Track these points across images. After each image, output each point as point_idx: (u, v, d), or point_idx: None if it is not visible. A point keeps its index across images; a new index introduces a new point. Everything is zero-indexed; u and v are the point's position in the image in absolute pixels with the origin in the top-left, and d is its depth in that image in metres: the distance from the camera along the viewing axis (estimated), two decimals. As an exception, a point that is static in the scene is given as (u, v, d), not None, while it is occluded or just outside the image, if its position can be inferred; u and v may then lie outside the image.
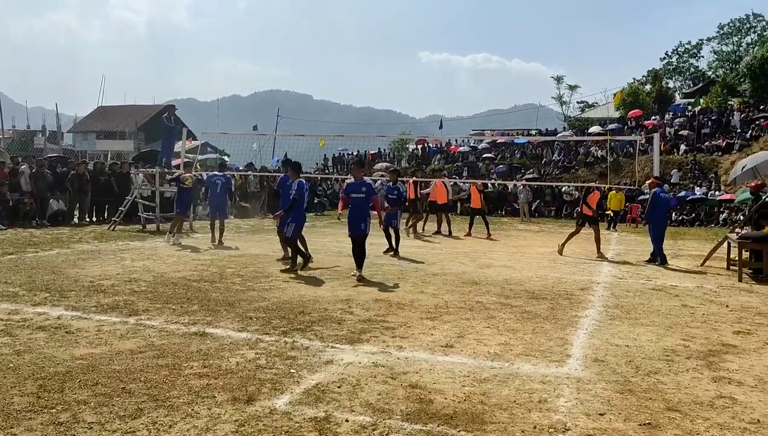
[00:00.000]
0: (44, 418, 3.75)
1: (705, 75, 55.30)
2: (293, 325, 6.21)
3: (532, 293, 8.40)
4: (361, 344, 5.59)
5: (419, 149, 39.83)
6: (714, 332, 6.46)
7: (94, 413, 3.84)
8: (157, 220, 16.90)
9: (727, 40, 56.55)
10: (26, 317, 6.25)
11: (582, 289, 8.85)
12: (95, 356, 4.99)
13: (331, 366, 4.91)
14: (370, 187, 9.77)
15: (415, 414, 3.95)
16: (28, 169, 17.37)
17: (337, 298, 7.64)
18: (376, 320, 6.49)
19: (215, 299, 7.42)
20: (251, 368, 4.79)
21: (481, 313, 7.02)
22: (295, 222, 9.89)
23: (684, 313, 7.38)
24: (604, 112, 47.43)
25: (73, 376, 4.50)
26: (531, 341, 5.84)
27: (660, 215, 12.15)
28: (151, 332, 5.79)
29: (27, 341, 5.38)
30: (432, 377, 4.70)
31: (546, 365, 5.11)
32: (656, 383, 4.72)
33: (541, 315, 7.00)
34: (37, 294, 7.39)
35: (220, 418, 3.81)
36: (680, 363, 5.26)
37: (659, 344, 5.85)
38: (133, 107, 65.01)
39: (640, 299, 8.15)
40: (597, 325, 6.60)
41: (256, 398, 4.15)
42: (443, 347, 5.57)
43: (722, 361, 5.38)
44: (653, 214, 12.07)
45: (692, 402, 4.32)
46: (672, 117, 36.47)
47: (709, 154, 29.88)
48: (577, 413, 4.05)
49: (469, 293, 8.23)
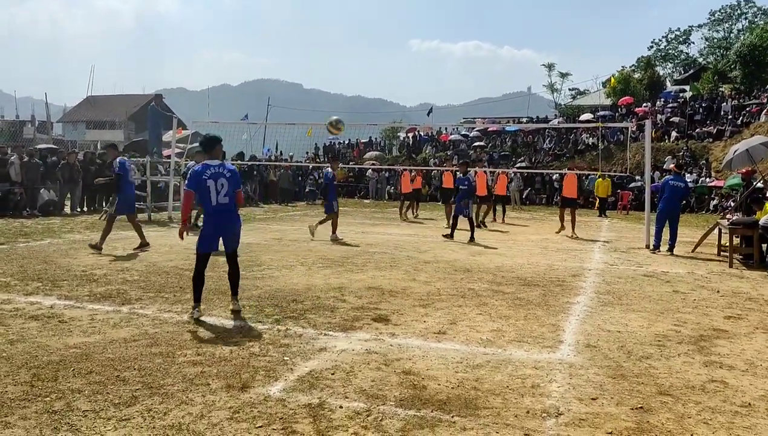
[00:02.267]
0: (38, 406, 3.74)
1: (696, 61, 55.41)
2: (286, 313, 6.21)
3: (524, 279, 8.44)
4: (354, 331, 5.61)
5: (410, 138, 39.74)
6: (705, 317, 6.52)
7: (89, 401, 3.84)
8: (148, 209, 16.82)
9: (718, 27, 56.66)
10: (18, 306, 6.22)
11: (574, 275, 8.90)
12: (89, 345, 4.98)
13: (324, 353, 4.92)
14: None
15: (409, 400, 3.97)
16: (18, 159, 17.21)
17: (330, 286, 7.64)
18: (369, 308, 6.51)
19: (208, 287, 7.36)
20: (245, 355, 4.80)
21: (474, 300, 7.05)
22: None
23: (675, 298, 7.44)
24: (595, 99, 47.51)
25: (67, 365, 4.49)
26: (523, 328, 5.87)
27: (666, 201, 11.82)
28: (145, 321, 5.78)
29: (20, 331, 5.35)
30: (425, 363, 4.72)
31: (538, 351, 5.14)
32: (648, 367, 4.76)
33: (533, 302, 7.03)
34: (30, 284, 7.36)
35: (214, 405, 3.82)
36: (672, 348, 5.31)
37: (651, 330, 5.90)
38: (122, 97, 64.43)
39: (631, 285, 8.20)
40: (589, 311, 6.64)
41: (251, 385, 4.16)
42: (436, 333, 5.59)
43: (713, 346, 5.43)
44: (666, 202, 11.81)
45: (684, 386, 4.37)
46: (663, 104, 36.54)
47: (700, 141, 30.00)
48: (569, 397, 4.09)
49: (461, 281, 8.25)
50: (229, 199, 6.04)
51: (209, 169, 5.97)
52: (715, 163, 27.17)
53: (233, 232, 6.18)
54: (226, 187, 5.99)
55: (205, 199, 5.98)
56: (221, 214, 6.04)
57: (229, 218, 6.11)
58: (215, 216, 6.03)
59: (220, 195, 5.97)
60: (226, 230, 6.13)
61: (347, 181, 32.34)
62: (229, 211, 6.09)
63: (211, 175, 5.95)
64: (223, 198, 5.98)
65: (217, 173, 5.96)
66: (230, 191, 6.02)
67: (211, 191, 5.93)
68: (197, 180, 5.95)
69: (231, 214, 6.12)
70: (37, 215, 16.24)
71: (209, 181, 5.93)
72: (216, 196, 5.95)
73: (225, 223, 6.09)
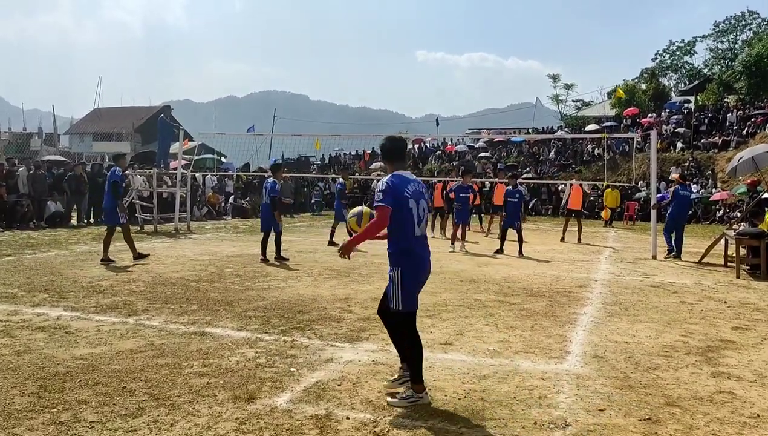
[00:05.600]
0: (45, 417, 3.75)
1: (701, 72, 55.39)
2: (292, 324, 6.21)
3: (530, 290, 8.41)
4: (361, 342, 5.60)
5: (416, 149, 39.80)
6: (713, 327, 6.48)
7: (95, 412, 3.84)
8: (155, 221, 16.88)
9: (723, 38, 56.66)
10: (25, 317, 6.24)
11: (580, 286, 8.87)
12: (95, 356, 4.99)
13: (331, 364, 4.91)
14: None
15: (415, 411, 3.96)
16: (25, 171, 17.34)
17: (336, 297, 7.64)
18: (375, 318, 6.47)
19: (214, 298, 7.42)
20: (251, 366, 4.80)
21: (480, 311, 7.03)
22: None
23: (682, 309, 7.40)
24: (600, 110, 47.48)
25: (74, 376, 4.50)
26: (530, 339, 5.85)
27: (676, 208, 12.57)
28: (151, 332, 5.79)
29: (27, 342, 5.37)
30: (432, 374, 4.70)
31: (545, 362, 5.12)
32: (656, 378, 4.74)
33: (540, 312, 7.01)
34: (36, 295, 7.38)
35: (221, 416, 3.82)
36: (679, 359, 5.28)
37: (658, 340, 5.87)
38: (129, 109, 64.84)
39: (638, 296, 8.17)
40: (596, 322, 6.62)
41: (257, 396, 4.15)
42: (442, 344, 5.58)
43: (721, 356, 5.40)
44: (675, 210, 12.53)
45: (692, 397, 4.34)
46: (668, 114, 36.51)
47: (706, 152, 29.93)
48: (577, 409, 4.07)
49: (467, 291, 8.24)
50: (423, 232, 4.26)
51: (409, 184, 4.17)
52: (721, 174, 27.09)
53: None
54: (425, 211, 4.24)
55: (406, 228, 4.13)
56: (424, 249, 4.26)
57: (428, 257, 4.30)
58: (418, 253, 4.21)
59: (422, 224, 4.22)
60: (427, 272, 4.35)
61: (353, 192, 32.40)
62: (427, 248, 4.30)
63: (412, 193, 4.15)
64: (422, 228, 4.24)
65: (419, 193, 4.22)
66: (425, 218, 4.25)
67: (414, 216, 4.14)
68: (399, 196, 4.08)
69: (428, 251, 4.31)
70: (43, 227, 16.32)
71: (411, 202, 4.13)
72: (417, 224, 4.17)
73: (427, 264, 4.30)
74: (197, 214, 21.02)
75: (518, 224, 12.78)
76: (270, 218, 10.90)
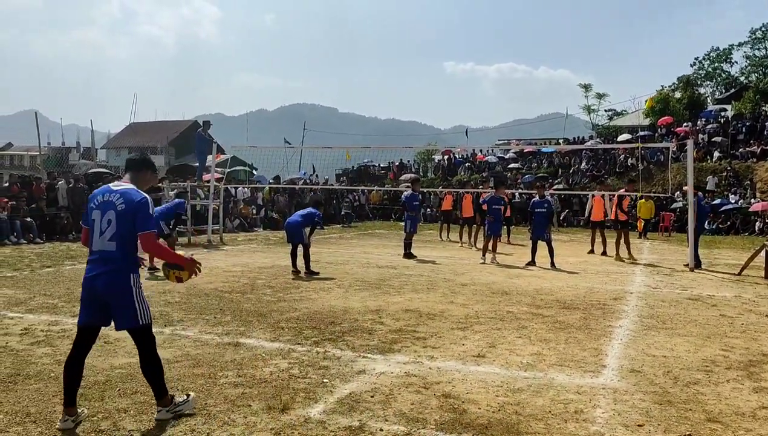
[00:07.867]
0: (86, 426, 3.83)
1: (737, 80, 54.22)
2: (324, 335, 6.24)
3: (563, 302, 8.31)
4: (393, 353, 5.59)
5: (445, 160, 39.75)
6: (754, 341, 6.31)
7: (134, 420, 3.91)
8: (189, 233, 17.16)
9: (759, 45, 55.43)
10: (66, 327, 6.39)
11: (615, 299, 8.72)
12: (133, 365, 5.06)
13: (363, 376, 4.92)
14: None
15: (449, 424, 3.93)
16: (64, 184, 17.81)
17: (367, 308, 7.65)
18: (407, 330, 6.49)
19: (247, 309, 7.49)
20: (285, 377, 4.83)
21: (512, 323, 6.97)
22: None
23: (722, 323, 7.22)
24: (633, 119, 46.78)
25: (113, 385, 4.59)
26: (564, 352, 5.77)
27: (701, 220, 13.01)
28: (187, 342, 5.87)
29: (67, 351, 5.44)
30: (465, 387, 4.67)
31: (581, 376, 5.04)
32: (696, 393, 4.63)
33: (574, 325, 6.91)
34: (76, 305, 7.50)
35: (256, 426, 3.85)
36: (720, 374, 5.15)
37: (697, 355, 5.74)
38: (163, 123, 66.23)
39: (676, 309, 8.00)
40: (632, 335, 6.49)
41: (291, 406, 4.18)
42: (475, 356, 5.54)
43: (763, 371, 5.25)
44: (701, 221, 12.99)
45: (733, 413, 4.23)
46: (704, 123, 35.81)
47: (744, 161, 29.25)
48: (614, 424, 3.99)
49: (499, 303, 8.17)
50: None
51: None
52: (760, 184, 26.45)
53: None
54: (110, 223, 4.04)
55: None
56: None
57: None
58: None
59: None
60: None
61: (382, 203, 32.47)
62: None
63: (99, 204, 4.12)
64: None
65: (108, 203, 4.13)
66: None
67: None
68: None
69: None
70: (82, 239, 16.72)
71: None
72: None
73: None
74: (230, 226, 21.30)
75: (548, 235, 12.61)
76: (296, 234, 10.80)
